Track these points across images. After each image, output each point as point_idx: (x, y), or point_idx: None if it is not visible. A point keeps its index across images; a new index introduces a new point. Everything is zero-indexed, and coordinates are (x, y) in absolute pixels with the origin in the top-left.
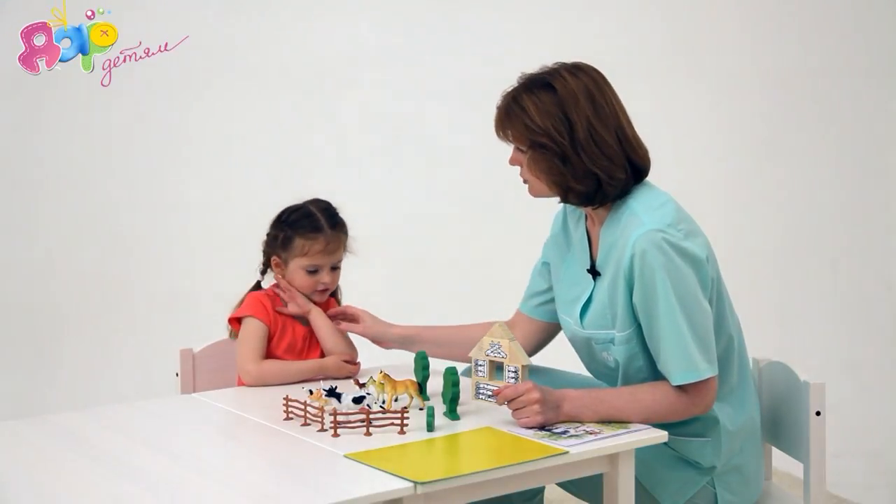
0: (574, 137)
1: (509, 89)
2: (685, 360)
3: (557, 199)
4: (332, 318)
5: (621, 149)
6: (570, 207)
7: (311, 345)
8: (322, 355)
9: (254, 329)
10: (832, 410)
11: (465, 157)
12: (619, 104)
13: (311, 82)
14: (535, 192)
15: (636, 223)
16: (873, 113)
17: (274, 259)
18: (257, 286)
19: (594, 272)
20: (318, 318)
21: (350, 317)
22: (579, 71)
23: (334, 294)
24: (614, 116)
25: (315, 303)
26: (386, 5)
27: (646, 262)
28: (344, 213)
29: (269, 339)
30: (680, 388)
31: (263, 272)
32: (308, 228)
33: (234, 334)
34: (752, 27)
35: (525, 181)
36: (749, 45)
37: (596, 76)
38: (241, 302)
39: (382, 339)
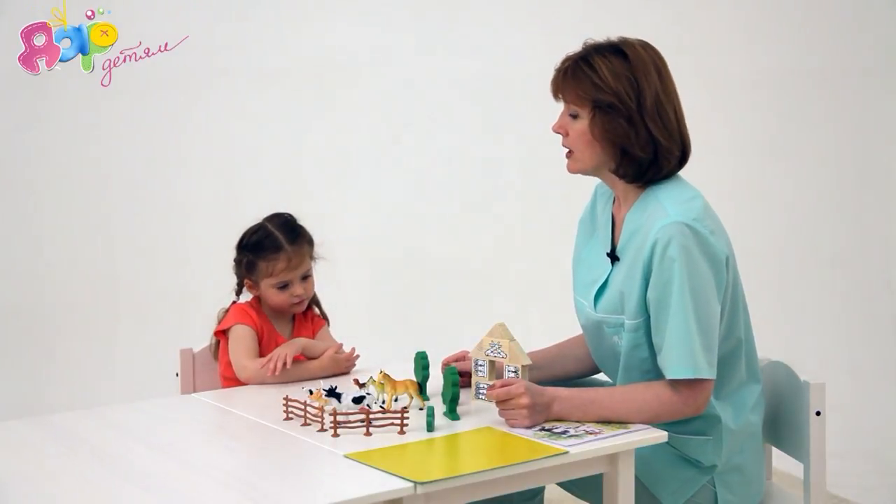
0: (641, 104)
1: (575, 52)
2: (686, 356)
3: (609, 167)
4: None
5: (678, 126)
6: (601, 190)
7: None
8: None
9: (244, 333)
10: (832, 410)
11: (464, 156)
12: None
13: (310, 82)
14: (576, 165)
15: (661, 213)
16: (873, 113)
17: (246, 282)
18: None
19: (613, 256)
20: (303, 343)
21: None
22: (648, 46)
23: (316, 304)
24: (675, 94)
25: (296, 321)
26: (385, 6)
27: (667, 252)
28: (342, 213)
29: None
30: (673, 388)
31: (238, 293)
32: (268, 250)
33: (215, 347)
34: (753, 27)
35: (569, 151)
36: (749, 46)
37: (661, 56)
38: (225, 314)
39: None
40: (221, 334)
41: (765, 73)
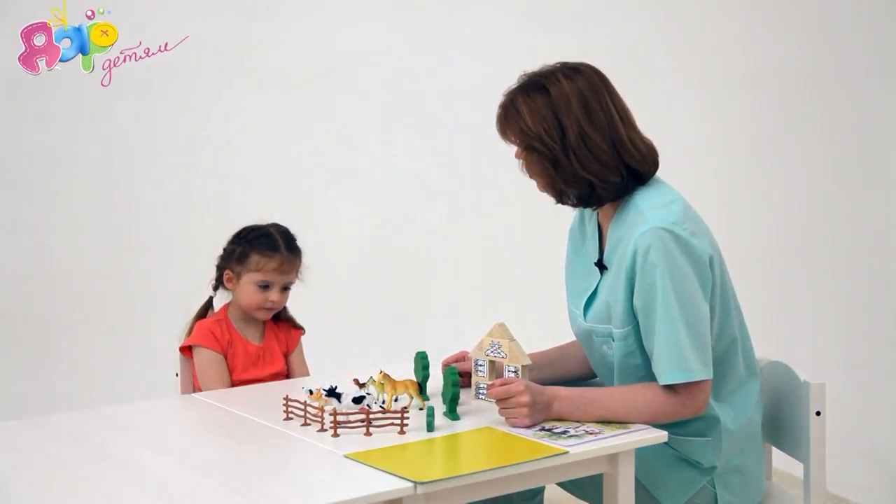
0: (565, 142)
1: (508, 90)
2: (677, 360)
3: (552, 200)
4: None
5: (616, 153)
6: None
7: (265, 360)
8: (283, 366)
9: (208, 360)
10: (832, 410)
11: (464, 156)
12: (619, 106)
13: (311, 82)
14: (540, 189)
15: (640, 220)
16: (873, 113)
17: (227, 273)
18: (208, 303)
19: (601, 266)
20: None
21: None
22: (577, 73)
23: (289, 319)
24: (609, 120)
25: (267, 329)
26: (385, 6)
27: (648, 259)
28: (342, 213)
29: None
30: (671, 388)
31: (216, 287)
32: (265, 246)
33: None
34: (752, 27)
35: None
36: (749, 46)
37: (593, 78)
38: (190, 330)
39: None
40: (187, 350)
41: (764, 73)
